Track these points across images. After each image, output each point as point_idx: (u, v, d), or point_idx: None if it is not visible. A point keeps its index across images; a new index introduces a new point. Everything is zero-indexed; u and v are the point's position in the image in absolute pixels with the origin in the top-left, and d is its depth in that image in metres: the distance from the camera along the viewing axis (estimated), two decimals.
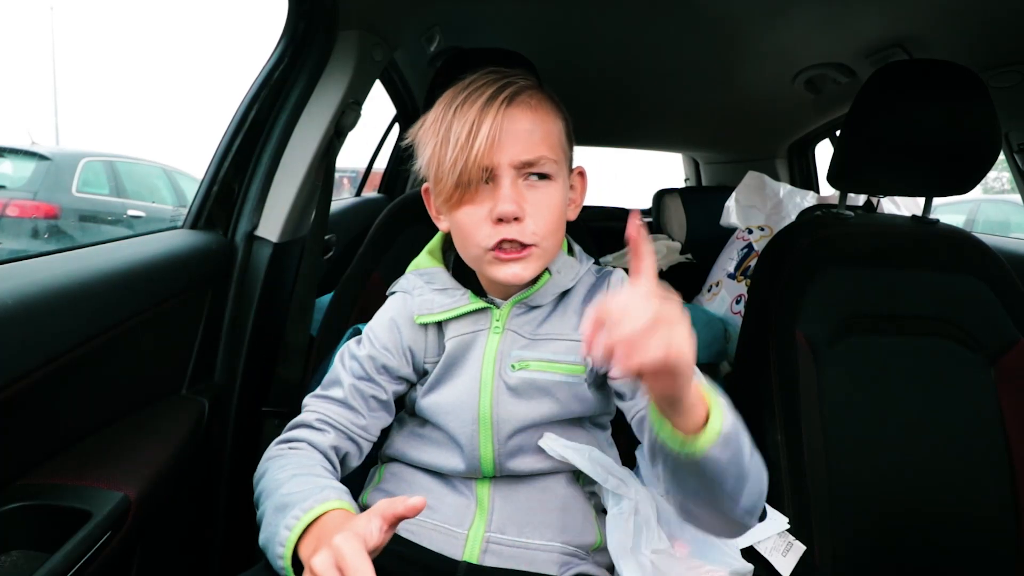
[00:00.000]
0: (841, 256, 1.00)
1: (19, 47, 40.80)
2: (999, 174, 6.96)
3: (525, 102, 0.64)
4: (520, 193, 0.62)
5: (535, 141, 0.63)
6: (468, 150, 0.60)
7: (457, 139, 0.60)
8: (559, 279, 0.71)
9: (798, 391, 0.93)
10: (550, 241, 0.66)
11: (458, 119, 0.61)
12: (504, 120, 0.61)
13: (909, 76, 0.97)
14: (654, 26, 1.46)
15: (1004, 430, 0.93)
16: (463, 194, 0.62)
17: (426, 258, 0.77)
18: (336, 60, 1.13)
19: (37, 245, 4.19)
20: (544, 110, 0.65)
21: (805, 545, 0.85)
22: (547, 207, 0.64)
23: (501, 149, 0.61)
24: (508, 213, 0.61)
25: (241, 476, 1.05)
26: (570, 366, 0.69)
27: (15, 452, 0.66)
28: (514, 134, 0.62)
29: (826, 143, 2.40)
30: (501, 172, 0.62)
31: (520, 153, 0.62)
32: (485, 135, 0.60)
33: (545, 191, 0.64)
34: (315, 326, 1.10)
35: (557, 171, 0.65)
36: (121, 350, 0.78)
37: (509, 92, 0.63)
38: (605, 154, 3.56)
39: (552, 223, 0.65)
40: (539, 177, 0.64)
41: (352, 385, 0.70)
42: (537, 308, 0.71)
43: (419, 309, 0.71)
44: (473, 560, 0.66)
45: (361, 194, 2.32)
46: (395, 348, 0.72)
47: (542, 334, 0.70)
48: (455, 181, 0.61)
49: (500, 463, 0.69)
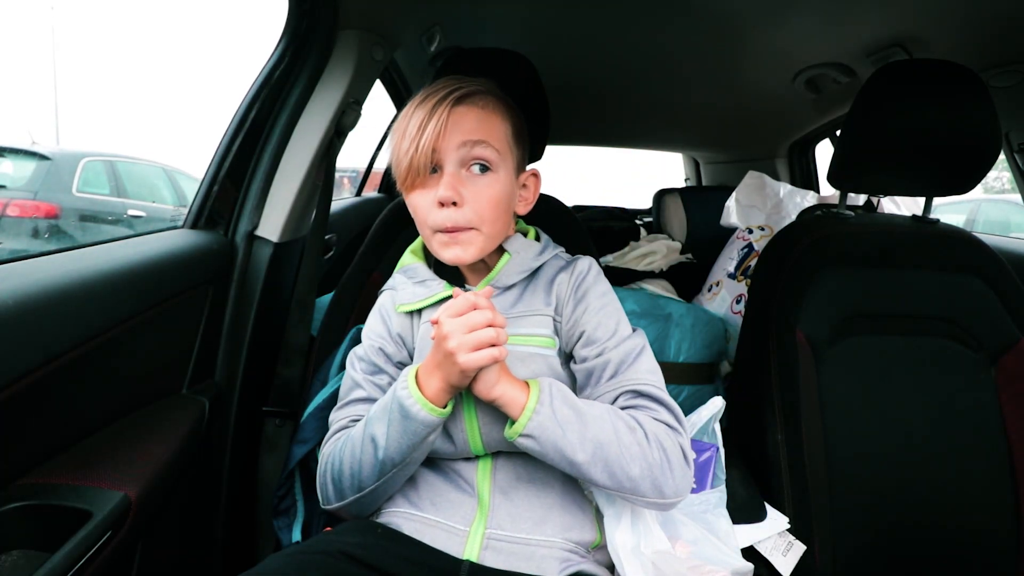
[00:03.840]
0: (841, 256, 1.00)
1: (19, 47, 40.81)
2: (999, 174, 6.96)
3: (472, 102, 0.72)
4: (460, 181, 0.70)
5: (478, 132, 0.71)
6: (417, 140, 0.68)
7: (409, 132, 0.69)
8: (520, 259, 0.78)
9: (798, 391, 0.93)
10: (489, 227, 0.72)
11: (415, 116, 0.70)
12: (451, 115, 0.69)
13: (909, 76, 0.97)
14: (654, 26, 1.46)
15: (1004, 429, 0.93)
16: (414, 180, 0.71)
17: (409, 256, 0.84)
18: (336, 60, 1.13)
19: (37, 245, 4.19)
20: (491, 109, 0.73)
21: (805, 545, 0.85)
22: (485, 196, 0.71)
23: (445, 140, 0.69)
24: (446, 198, 0.69)
25: (241, 476, 1.05)
26: (543, 338, 0.75)
27: (15, 452, 0.65)
28: (458, 126, 0.70)
29: (826, 143, 2.40)
30: (445, 161, 0.70)
31: (462, 136, 0.70)
32: (432, 127, 0.68)
33: (485, 180, 0.72)
34: (315, 326, 1.10)
35: (499, 163, 0.73)
36: (121, 350, 0.78)
37: (461, 93, 0.71)
38: (605, 154, 3.56)
39: (490, 211, 0.72)
40: (481, 169, 0.71)
41: (368, 381, 0.77)
42: (509, 290, 0.77)
43: (400, 301, 0.79)
44: (474, 558, 0.66)
45: (361, 194, 2.32)
46: (387, 335, 0.79)
47: (515, 313, 0.76)
48: (407, 167, 0.70)
49: (488, 439, 0.70)
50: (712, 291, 1.73)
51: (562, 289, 0.77)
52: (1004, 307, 0.97)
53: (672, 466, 0.65)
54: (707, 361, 1.42)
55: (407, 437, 0.65)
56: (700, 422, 0.88)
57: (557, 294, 0.76)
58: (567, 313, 0.75)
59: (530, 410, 0.63)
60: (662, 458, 0.64)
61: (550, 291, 0.77)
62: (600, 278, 0.79)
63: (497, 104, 0.74)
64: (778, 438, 0.92)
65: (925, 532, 0.91)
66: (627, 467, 0.63)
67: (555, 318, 0.76)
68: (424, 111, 0.69)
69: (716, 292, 1.71)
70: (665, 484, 0.64)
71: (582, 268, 0.79)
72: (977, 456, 0.93)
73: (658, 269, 1.77)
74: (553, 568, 0.67)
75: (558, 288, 0.77)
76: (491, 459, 0.73)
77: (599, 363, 0.71)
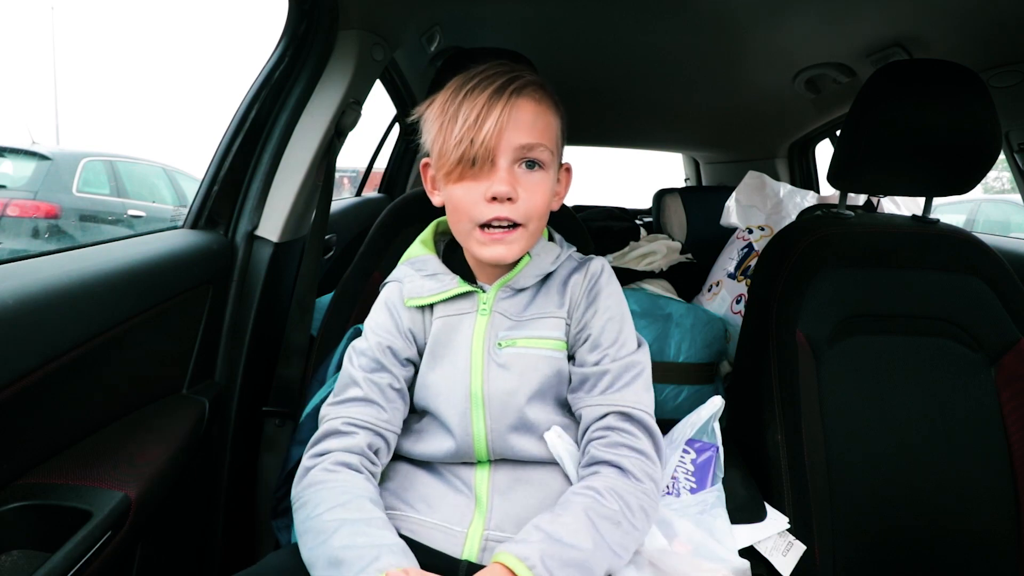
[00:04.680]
0: (841, 256, 1.00)
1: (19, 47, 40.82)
2: (999, 174, 6.96)
3: (531, 95, 0.69)
4: (515, 177, 0.68)
5: (537, 131, 0.69)
6: (476, 131, 0.65)
7: (466, 120, 0.66)
8: (539, 262, 0.76)
9: (798, 391, 0.93)
10: (535, 224, 0.71)
11: (467, 103, 0.66)
12: (512, 109, 0.67)
13: (909, 76, 0.96)
14: (654, 26, 1.46)
15: (1004, 429, 0.93)
16: (464, 171, 0.67)
17: (419, 247, 0.81)
18: (336, 60, 1.13)
19: (37, 245, 4.19)
20: (546, 105, 0.71)
21: (805, 545, 0.85)
22: (537, 192, 0.70)
23: (505, 135, 0.66)
24: (503, 193, 0.67)
25: (241, 476, 1.05)
26: (554, 341, 0.74)
27: (15, 452, 0.65)
28: (518, 122, 0.67)
29: (826, 143, 2.40)
30: (500, 156, 0.67)
31: (522, 138, 0.67)
32: (494, 120, 0.65)
33: (537, 177, 0.70)
34: (315, 326, 1.10)
35: (549, 161, 0.71)
36: (121, 350, 0.78)
37: (518, 84, 0.68)
38: (605, 154, 3.56)
39: (540, 207, 0.71)
40: (532, 165, 0.70)
41: (367, 379, 0.72)
42: (522, 292, 0.76)
43: (410, 294, 0.76)
44: (472, 559, 0.66)
45: (361, 194, 2.32)
46: (396, 330, 0.75)
47: (528, 315, 0.75)
48: (458, 157, 0.66)
49: (493, 444, 0.70)
50: (712, 291, 1.73)
51: (576, 291, 0.76)
52: (1004, 307, 0.97)
53: (652, 506, 0.67)
54: (707, 361, 1.42)
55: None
56: (700, 422, 0.88)
57: (571, 296, 0.76)
58: (578, 315, 0.75)
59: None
60: (644, 514, 0.65)
61: (564, 292, 0.76)
62: (612, 279, 0.79)
63: (549, 99, 0.72)
64: (778, 438, 0.92)
65: (925, 532, 0.91)
66: (630, 549, 0.64)
67: (567, 320, 0.75)
68: (480, 100, 0.66)
69: (716, 292, 1.71)
70: (652, 517, 0.67)
71: (595, 269, 0.78)
72: (977, 456, 0.93)
73: (658, 269, 1.77)
74: None
75: (572, 290, 0.76)
76: (490, 463, 0.72)
77: (596, 372, 0.71)
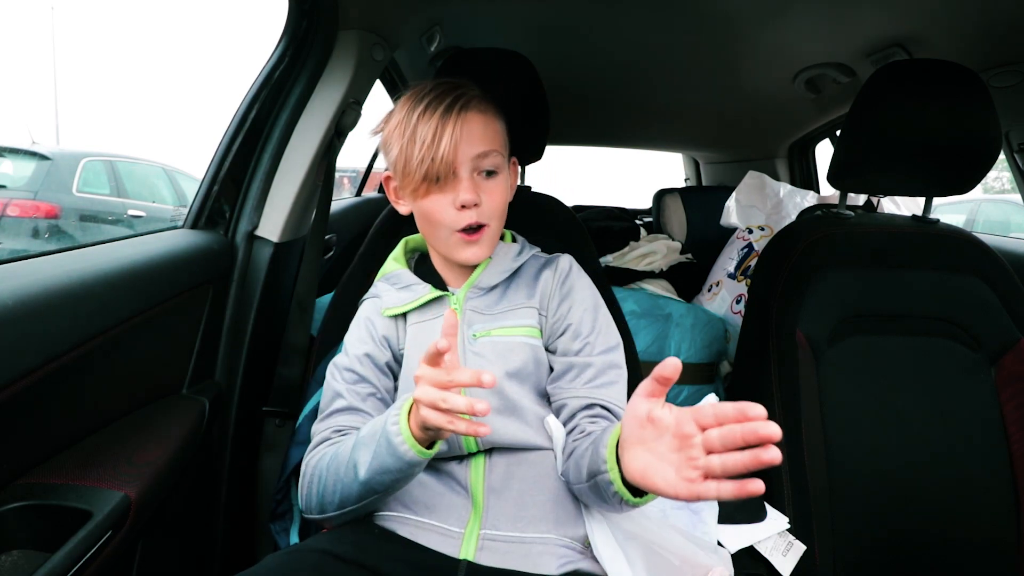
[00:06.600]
0: (841, 256, 1.00)
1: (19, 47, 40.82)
2: (999, 174, 6.96)
3: (476, 107, 0.76)
4: (476, 184, 0.76)
5: (487, 139, 0.76)
6: (435, 149, 0.72)
7: (423, 140, 0.72)
8: (500, 260, 0.83)
9: (798, 391, 0.93)
10: (496, 223, 0.79)
11: (422, 124, 0.73)
12: (463, 124, 0.73)
13: (909, 76, 0.97)
14: (654, 26, 1.46)
15: (1004, 429, 0.93)
16: (430, 186, 0.75)
17: (391, 264, 0.87)
18: (336, 60, 1.13)
19: (37, 245, 4.19)
20: (491, 114, 0.78)
21: (805, 545, 0.86)
22: (496, 194, 0.78)
23: (461, 148, 0.73)
24: (470, 200, 0.74)
25: (241, 476, 1.05)
26: (529, 328, 0.79)
27: (15, 452, 0.65)
28: (471, 135, 0.74)
29: (826, 143, 2.40)
30: (460, 167, 0.74)
31: (476, 148, 0.74)
32: (449, 138, 0.72)
33: (494, 183, 0.78)
34: (315, 326, 1.11)
35: (502, 163, 0.79)
36: (121, 350, 0.78)
37: (464, 100, 0.75)
38: (605, 154, 3.56)
39: (499, 207, 0.79)
40: (491, 174, 0.77)
41: (350, 390, 0.76)
42: (492, 290, 0.81)
43: (385, 305, 0.81)
44: (470, 558, 0.66)
45: (361, 194, 2.32)
46: (371, 338, 0.80)
47: (499, 310, 0.80)
48: (423, 175, 0.73)
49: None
50: (712, 291, 1.73)
51: (547, 285, 0.82)
52: (1004, 307, 0.97)
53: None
54: (707, 361, 1.42)
55: (390, 474, 0.63)
56: None
57: (542, 290, 0.81)
58: (552, 307, 0.80)
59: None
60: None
61: (534, 287, 0.82)
62: (582, 273, 0.85)
63: (491, 107, 0.79)
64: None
65: (925, 531, 0.91)
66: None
67: (540, 311, 0.80)
68: (434, 119, 0.72)
69: (716, 292, 1.71)
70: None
71: (564, 265, 0.84)
72: (977, 456, 0.93)
73: (658, 269, 1.77)
74: (551, 565, 0.67)
75: (543, 285, 0.82)
76: (484, 457, 0.73)
77: (580, 363, 0.76)
